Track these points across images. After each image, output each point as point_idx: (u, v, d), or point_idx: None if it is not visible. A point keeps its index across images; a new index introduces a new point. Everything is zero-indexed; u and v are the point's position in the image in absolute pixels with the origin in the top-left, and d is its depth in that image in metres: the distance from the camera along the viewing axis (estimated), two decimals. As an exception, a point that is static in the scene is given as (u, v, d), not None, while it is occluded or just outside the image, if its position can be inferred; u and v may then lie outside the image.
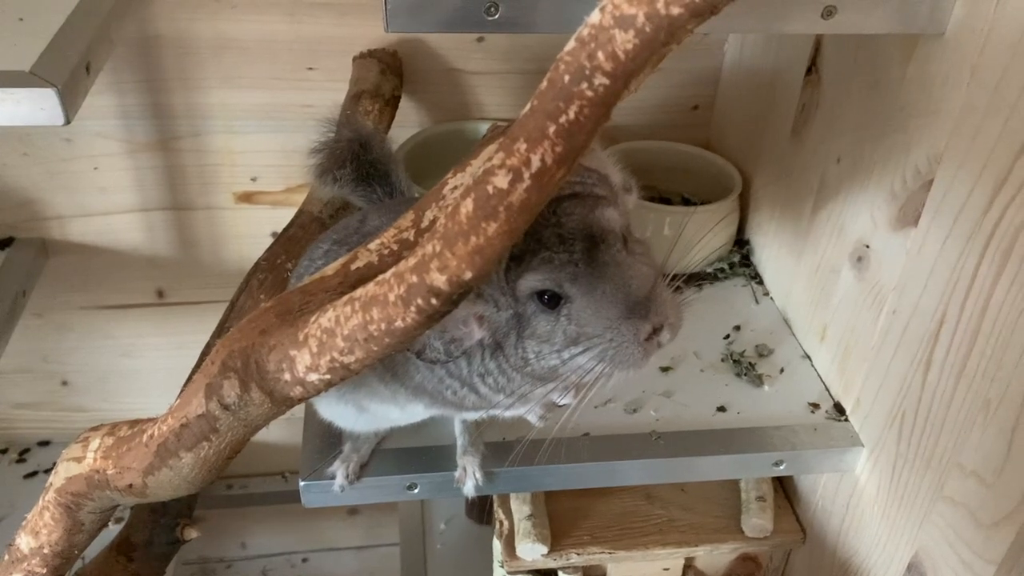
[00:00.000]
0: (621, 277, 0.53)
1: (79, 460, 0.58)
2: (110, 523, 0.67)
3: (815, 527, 0.89)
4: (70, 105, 0.61)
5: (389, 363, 0.62)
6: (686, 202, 1.07)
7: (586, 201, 0.54)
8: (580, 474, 0.78)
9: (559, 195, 0.53)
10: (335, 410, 0.71)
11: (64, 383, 1.22)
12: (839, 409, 0.83)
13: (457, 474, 0.75)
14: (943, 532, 0.70)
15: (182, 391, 0.54)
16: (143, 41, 0.98)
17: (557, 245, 0.53)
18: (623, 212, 0.57)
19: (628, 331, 0.54)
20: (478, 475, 0.75)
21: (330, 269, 0.54)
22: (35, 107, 0.60)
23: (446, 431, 0.78)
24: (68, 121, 0.61)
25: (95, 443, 0.58)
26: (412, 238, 0.55)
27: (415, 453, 0.77)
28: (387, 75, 0.98)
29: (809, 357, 0.89)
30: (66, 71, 0.62)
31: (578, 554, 0.86)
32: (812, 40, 0.86)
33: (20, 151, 1.03)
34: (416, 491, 0.76)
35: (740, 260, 1.03)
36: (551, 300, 0.54)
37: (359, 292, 0.45)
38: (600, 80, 0.37)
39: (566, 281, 0.53)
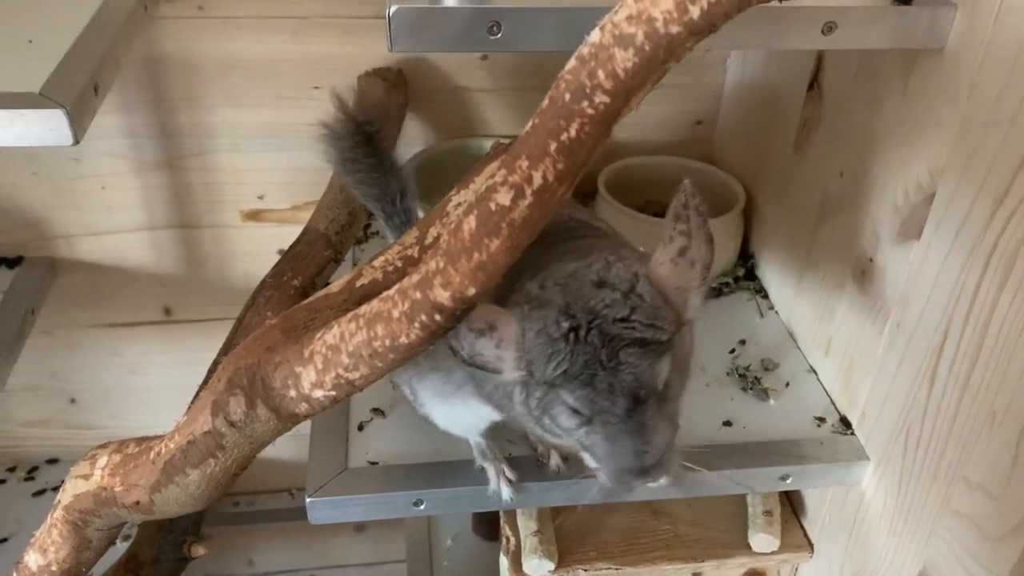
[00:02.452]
0: (643, 441, 0.56)
1: (87, 477, 0.58)
2: (117, 541, 0.67)
3: (822, 541, 0.89)
4: (78, 125, 0.62)
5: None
6: (690, 217, 1.07)
7: (647, 353, 0.56)
8: (586, 489, 0.78)
9: (629, 337, 0.55)
10: (471, 413, 0.71)
11: (72, 401, 1.23)
12: (845, 423, 0.83)
13: (540, 449, 0.78)
14: (950, 546, 0.70)
15: (189, 408, 0.55)
16: (150, 62, 0.99)
17: (606, 394, 0.55)
18: (680, 345, 0.59)
19: (628, 479, 0.58)
20: (557, 460, 0.77)
21: (335, 286, 0.54)
22: (44, 128, 0.61)
23: (452, 447, 0.78)
24: (77, 141, 0.62)
25: (102, 460, 0.58)
26: (416, 255, 0.56)
27: (421, 469, 0.77)
28: (392, 93, 0.99)
29: (814, 371, 0.89)
30: (74, 92, 0.63)
31: (585, 570, 0.86)
32: (813, 55, 0.87)
33: (29, 171, 1.04)
34: (422, 507, 0.76)
35: (744, 274, 1.03)
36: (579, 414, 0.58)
37: (363, 309, 0.46)
38: (600, 98, 0.37)
39: (599, 423, 0.57)
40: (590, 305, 0.55)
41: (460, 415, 0.72)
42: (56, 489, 0.62)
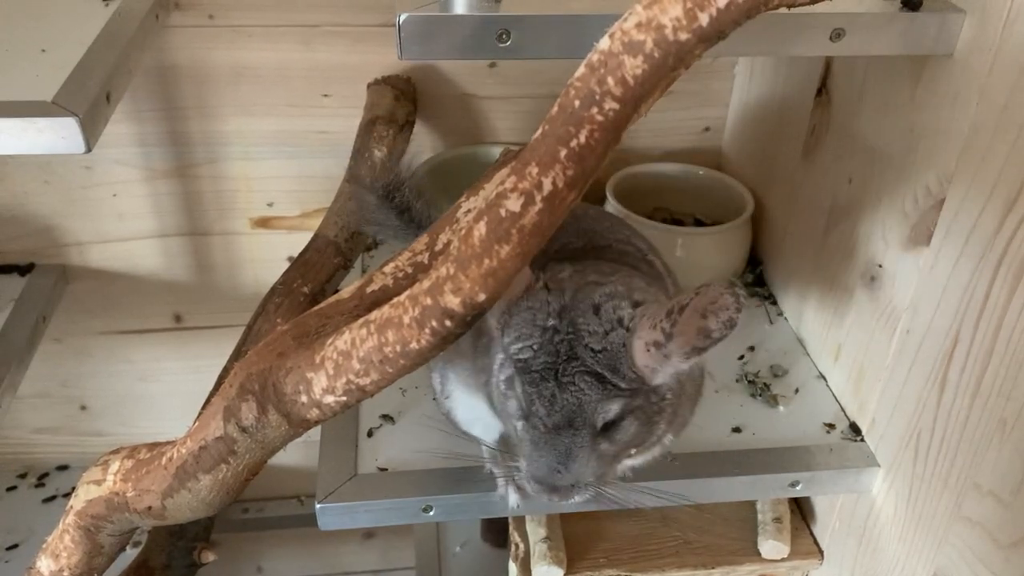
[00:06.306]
0: (560, 462, 0.59)
1: (99, 483, 0.59)
2: (128, 547, 0.67)
3: (832, 548, 0.89)
4: (91, 134, 0.62)
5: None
6: (698, 223, 1.07)
7: (602, 389, 0.57)
8: (595, 495, 0.78)
9: (591, 367, 0.57)
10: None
11: (83, 407, 1.23)
12: (855, 429, 0.83)
13: None
14: (961, 553, 0.69)
15: (200, 414, 0.55)
16: (161, 71, 1.00)
17: (547, 402, 0.58)
18: (652, 403, 0.60)
19: (536, 488, 0.61)
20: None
21: (346, 292, 0.55)
22: (57, 136, 0.61)
23: (462, 453, 0.78)
24: (89, 149, 0.62)
25: (115, 466, 0.59)
26: (426, 261, 0.56)
27: (431, 475, 0.77)
28: (401, 101, 0.99)
29: (824, 377, 0.89)
30: (87, 101, 0.63)
31: (594, 577, 0.86)
32: (822, 62, 0.87)
33: (41, 179, 1.04)
34: (432, 513, 0.76)
35: (753, 280, 1.03)
36: None
37: (374, 315, 0.46)
38: (610, 104, 0.37)
39: (531, 425, 0.59)
40: (578, 322, 0.58)
41: (484, 412, 0.72)
42: (67, 496, 0.62)
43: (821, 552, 0.90)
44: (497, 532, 1.21)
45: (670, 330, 0.54)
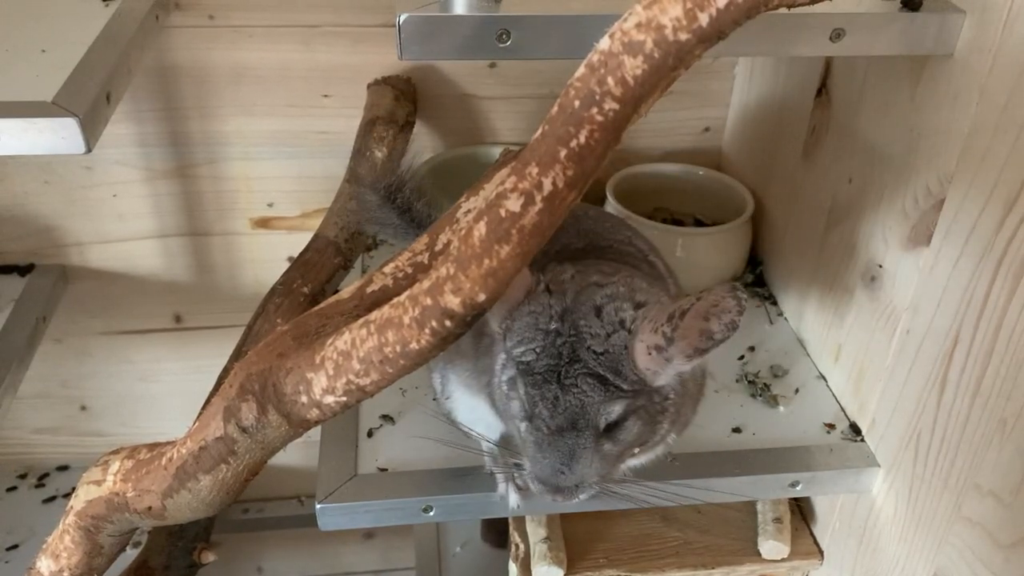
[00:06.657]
0: (564, 463, 0.59)
1: (99, 483, 0.59)
2: (128, 547, 0.67)
3: (832, 548, 0.89)
4: (91, 134, 0.62)
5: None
6: (698, 223, 1.07)
7: (604, 390, 0.58)
8: (596, 496, 0.78)
9: (593, 369, 0.57)
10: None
11: (83, 408, 1.23)
12: (855, 429, 0.83)
13: None
14: (962, 553, 0.69)
15: (200, 414, 0.55)
16: (161, 71, 1.00)
17: (549, 404, 0.58)
18: (655, 402, 0.61)
19: (541, 488, 0.61)
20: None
21: (346, 292, 0.55)
22: (57, 136, 0.61)
23: (462, 453, 0.78)
24: (89, 150, 0.62)
25: (115, 466, 0.59)
26: (426, 261, 0.56)
27: (431, 475, 0.77)
28: (401, 101, 0.99)
29: (824, 377, 0.89)
30: (87, 101, 0.63)
31: (594, 577, 0.86)
32: (822, 62, 0.87)
33: (41, 179, 1.04)
34: (432, 514, 0.76)
35: (753, 280, 1.03)
36: None
37: (374, 315, 0.46)
38: (610, 105, 0.37)
39: (535, 427, 0.60)
40: (580, 325, 0.58)
41: (486, 412, 0.72)
42: (67, 496, 0.62)
43: (821, 552, 0.90)
44: (497, 532, 1.21)
45: (671, 334, 0.54)
